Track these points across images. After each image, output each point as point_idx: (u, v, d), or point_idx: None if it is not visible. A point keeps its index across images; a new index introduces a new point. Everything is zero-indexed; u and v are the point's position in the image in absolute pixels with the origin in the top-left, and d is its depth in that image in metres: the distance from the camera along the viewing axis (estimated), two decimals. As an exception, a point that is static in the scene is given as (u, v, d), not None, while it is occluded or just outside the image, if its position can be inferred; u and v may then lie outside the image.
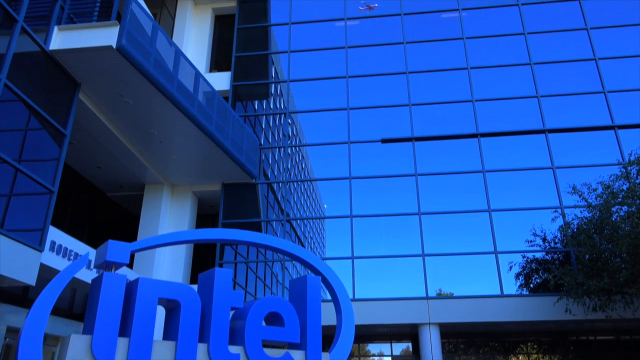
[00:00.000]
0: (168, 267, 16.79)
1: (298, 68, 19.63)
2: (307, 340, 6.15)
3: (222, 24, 21.81)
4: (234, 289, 6.67)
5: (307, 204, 18.67)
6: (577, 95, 17.67)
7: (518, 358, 17.82)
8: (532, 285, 15.78)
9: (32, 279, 9.81)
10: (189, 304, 5.72)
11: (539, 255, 15.92)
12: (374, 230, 16.97)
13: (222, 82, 19.49)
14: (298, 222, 18.02)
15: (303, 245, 17.84)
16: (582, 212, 14.58)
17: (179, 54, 13.77)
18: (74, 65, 11.55)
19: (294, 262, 17.15)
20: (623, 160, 15.66)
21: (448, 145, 17.71)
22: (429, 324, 15.38)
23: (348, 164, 17.71)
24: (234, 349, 5.77)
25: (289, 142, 18.79)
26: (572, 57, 18.22)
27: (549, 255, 15.91)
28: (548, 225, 15.83)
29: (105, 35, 11.11)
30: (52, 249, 10.88)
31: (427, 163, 17.43)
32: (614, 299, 13.44)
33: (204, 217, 19.37)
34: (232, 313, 6.07)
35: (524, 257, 15.85)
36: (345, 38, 19.84)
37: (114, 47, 11.02)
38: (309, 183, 18.91)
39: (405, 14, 19.90)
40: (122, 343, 5.18)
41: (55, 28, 11.19)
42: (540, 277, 15.63)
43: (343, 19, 20.26)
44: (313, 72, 19.56)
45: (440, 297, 15.73)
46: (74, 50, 11.11)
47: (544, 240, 15.86)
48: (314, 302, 6.42)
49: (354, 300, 15.56)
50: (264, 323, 6.15)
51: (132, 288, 5.59)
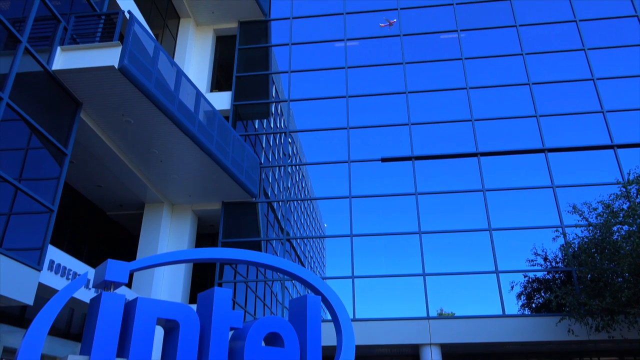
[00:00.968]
0: (167, 286, 16.68)
1: (298, 88, 19.79)
2: (307, 361, 6.07)
3: (223, 45, 22.06)
4: (234, 309, 6.61)
5: (307, 223, 18.63)
6: (576, 115, 17.77)
7: (521, 380, 17.57)
8: (534, 305, 15.64)
9: (30, 299, 9.73)
10: (188, 324, 5.66)
11: (541, 275, 15.83)
12: (375, 250, 16.90)
13: (223, 101, 19.63)
14: (298, 241, 17.96)
15: (303, 265, 17.74)
16: (582, 231, 14.53)
17: (180, 74, 13.89)
18: (76, 85, 11.64)
19: (294, 281, 17.03)
20: (623, 179, 15.68)
21: (448, 164, 17.75)
22: (430, 345, 15.21)
23: (348, 183, 17.72)
24: (233, 370, 5.68)
25: (289, 161, 18.83)
26: (570, 77, 18.38)
27: (551, 275, 15.82)
28: (549, 245, 15.77)
29: (108, 56, 11.23)
30: (50, 268, 10.82)
31: (427, 182, 17.44)
32: (617, 319, 13.31)
33: (204, 236, 19.31)
34: (231, 333, 6.01)
35: (526, 276, 15.75)
36: (345, 58, 20.04)
37: (116, 67, 11.12)
38: (309, 202, 18.89)
39: (405, 35, 20.13)
40: (119, 364, 5.11)
41: (58, 48, 11.31)
42: (542, 297, 15.50)
43: (343, 40, 20.49)
44: (313, 91, 19.71)
45: (442, 317, 15.58)
46: (76, 70, 11.22)
47: (545, 260, 15.79)
48: (314, 322, 6.35)
49: (355, 320, 15.41)
50: (264, 343, 6.07)
51: (130, 308, 5.54)
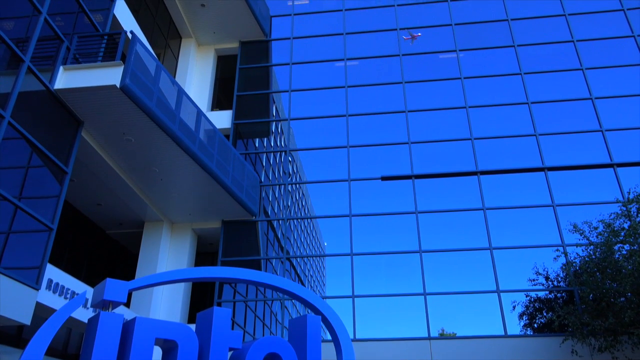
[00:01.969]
0: (166, 305, 16.54)
1: (299, 106, 19.91)
2: (306, 383, 5.99)
3: (224, 64, 22.27)
4: (233, 329, 6.54)
5: (307, 242, 18.56)
6: (575, 134, 17.84)
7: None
8: (536, 325, 15.49)
9: (27, 318, 9.64)
10: (186, 345, 5.60)
11: (542, 295, 15.70)
12: (375, 269, 16.80)
13: (223, 120, 19.74)
14: (298, 260, 17.87)
15: (303, 284, 17.62)
16: (584, 250, 14.47)
17: (181, 93, 13.99)
18: (78, 104, 11.72)
19: (294, 301, 16.90)
20: (623, 198, 15.66)
21: (448, 183, 17.76)
22: (432, 366, 15.01)
23: (348, 202, 17.70)
24: (232, 392, 5.61)
25: (289, 179, 18.85)
26: (569, 96, 18.50)
27: (553, 295, 15.70)
28: (550, 264, 15.68)
29: (110, 75, 11.33)
30: (48, 287, 10.75)
31: (427, 201, 17.42)
32: (621, 340, 13.16)
33: (203, 254, 19.22)
34: (230, 354, 5.94)
35: (527, 296, 15.62)
36: (345, 78, 20.20)
37: (118, 86, 11.21)
38: (309, 220, 18.85)
39: (404, 55, 20.33)
40: (116, 385, 5.04)
41: (61, 68, 11.41)
42: (544, 316, 15.36)
43: (343, 60, 20.69)
44: (313, 110, 19.82)
45: (443, 337, 15.42)
46: (78, 90, 11.30)
47: (547, 279, 15.68)
48: (314, 342, 6.28)
49: (355, 341, 15.24)
50: (263, 364, 5.99)
51: (128, 328, 5.49)
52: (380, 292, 16.31)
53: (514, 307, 15.33)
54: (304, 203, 19.02)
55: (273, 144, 19.91)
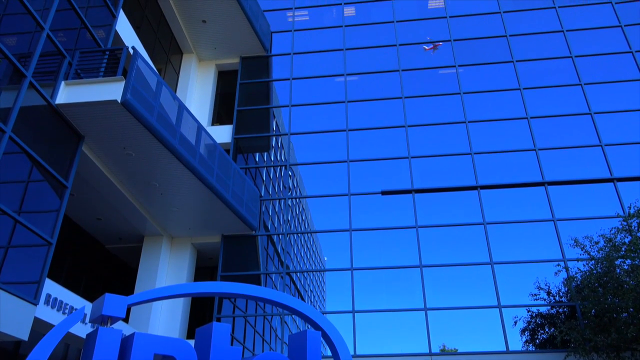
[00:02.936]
0: (165, 321, 16.42)
1: (299, 121, 19.99)
2: (306, 400, 5.91)
3: (224, 79, 22.42)
4: (232, 344, 6.49)
5: (307, 257, 18.49)
6: (575, 149, 17.88)
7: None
8: (538, 341, 15.36)
9: (24, 334, 9.56)
10: (185, 361, 5.54)
11: (544, 310, 15.60)
12: (376, 283, 16.71)
13: (224, 134, 19.80)
14: (298, 274, 17.78)
15: (303, 299, 17.51)
16: (585, 265, 14.40)
17: (182, 108, 14.06)
18: (79, 119, 11.77)
19: (294, 316, 16.78)
20: (623, 213, 15.64)
21: (448, 197, 17.75)
22: (433, 382, 14.85)
23: (348, 216, 17.67)
24: (231, 409, 5.53)
25: (290, 194, 18.84)
26: (568, 111, 18.58)
27: (554, 310, 15.59)
28: (552, 278, 15.60)
29: (111, 90, 11.39)
30: (47, 302, 10.68)
31: (427, 215, 17.40)
32: (624, 356, 13.04)
33: (203, 269, 19.14)
34: (229, 370, 5.87)
35: (529, 311, 15.52)
36: (345, 93, 20.32)
37: (119, 101, 11.26)
38: (309, 235, 18.80)
39: (404, 70, 20.46)
40: (114, 402, 4.99)
41: (62, 83, 11.48)
42: (546, 332, 15.23)
43: (343, 75, 20.83)
44: (313, 125, 19.90)
45: (444, 353, 15.27)
46: (80, 105, 11.36)
47: (549, 294, 15.59)
48: (314, 358, 6.22)
49: (355, 357, 15.10)
50: (262, 381, 5.93)
51: (127, 343, 5.44)
52: (381, 307, 16.20)
53: (516, 322, 15.22)
54: (304, 217, 18.99)
55: (273, 159, 19.95)
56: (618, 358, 13.00)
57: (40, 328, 10.69)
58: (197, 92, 21.28)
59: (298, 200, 18.94)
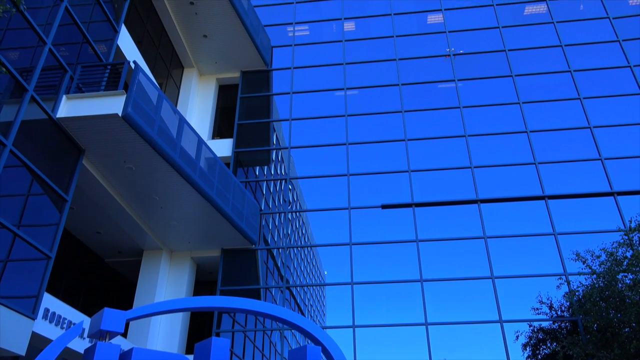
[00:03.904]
0: (163, 335, 16.29)
1: (299, 135, 20.04)
2: (306, 416, 5.85)
3: (225, 93, 22.54)
4: (231, 360, 6.43)
5: (307, 271, 18.41)
6: (574, 162, 17.90)
7: None
8: (540, 356, 15.20)
9: (22, 349, 9.48)
10: (184, 376, 5.49)
11: (546, 324, 15.48)
12: (376, 298, 16.61)
13: (224, 148, 19.84)
14: (298, 289, 17.68)
15: (303, 314, 17.39)
16: (587, 279, 14.33)
17: (183, 122, 14.10)
18: (80, 132, 11.81)
19: (294, 331, 16.65)
20: (624, 226, 15.60)
21: (449, 211, 17.72)
22: (434, 398, 14.68)
23: (349, 230, 17.63)
24: None
25: (290, 207, 18.82)
26: (567, 125, 18.63)
27: (556, 324, 15.47)
28: (554, 293, 15.51)
29: (112, 104, 11.44)
30: (45, 317, 10.61)
31: (428, 229, 17.35)
32: (626, 372, 12.90)
33: (202, 283, 19.04)
34: (228, 386, 5.81)
35: (531, 325, 15.40)
36: (345, 107, 20.40)
37: (120, 115, 11.31)
38: (309, 249, 18.74)
39: (403, 84, 20.58)
40: (112, 419, 4.93)
41: (64, 97, 11.54)
42: (548, 347, 15.10)
43: (343, 89, 20.94)
44: (314, 139, 19.94)
45: (445, 368, 15.12)
46: (81, 118, 11.40)
47: (551, 308, 15.48)
48: (314, 374, 6.16)
49: (356, 372, 14.95)
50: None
51: (125, 358, 5.39)
52: (381, 322, 16.08)
53: (517, 337, 15.09)
54: (304, 231, 18.94)
55: (273, 172, 19.97)
56: (621, 374, 12.86)
57: (38, 343, 10.60)
58: (197, 105, 21.37)
59: (298, 214, 18.91)
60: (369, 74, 21.23)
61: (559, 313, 15.42)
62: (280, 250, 17.92)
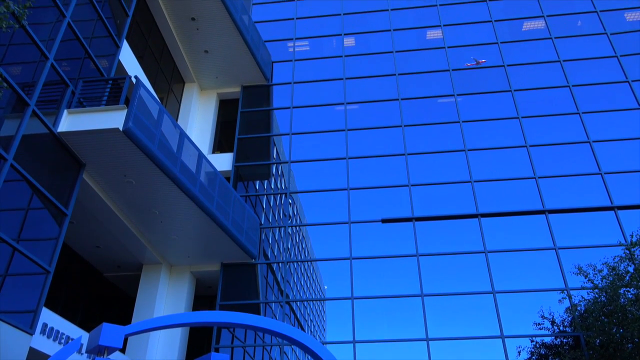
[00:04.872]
0: (162, 350, 16.14)
1: (299, 149, 20.08)
2: None
3: (226, 107, 22.65)
4: (230, 376, 6.38)
5: (307, 285, 18.31)
6: (575, 177, 17.90)
7: None
8: (542, 373, 15.06)
9: (19, 365, 9.39)
10: (183, 393, 5.44)
11: (548, 340, 15.35)
12: (376, 313, 16.49)
13: (224, 162, 19.88)
14: (298, 304, 17.57)
15: (303, 329, 17.25)
16: (589, 293, 14.24)
17: (183, 136, 14.15)
18: (80, 147, 11.83)
19: (294, 346, 16.50)
20: (625, 241, 15.55)
21: (449, 226, 17.68)
22: (436, 415, 14.50)
23: (349, 244, 17.57)
24: None
25: (290, 222, 18.78)
26: (567, 139, 18.67)
27: (558, 340, 15.34)
28: (555, 307, 15.40)
29: (113, 118, 11.49)
30: (43, 332, 10.53)
31: (428, 243, 17.30)
32: (630, 388, 12.75)
33: (202, 298, 18.92)
34: (227, 403, 5.75)
35: (532, 341, 15.27)
36: (345, 121, 20.47)
37: (121, 129, 11.34)
38: (309, 263, 18.66)
39: (403, 99, 20.68)
40: None
41: (65, 111, 11.59)
42: (551, 363, 14.94)
43: (343, 103, 21.04)
44: (314, 153, 19.98)
45: (447, 385, 14.95)
46: (82, 133, 11.44)
47: (553, 324, 15.36)
48: (314, 390, 6.10)
49: (356, 389, 14.79)
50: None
51: (123, 375, 5.35)
52: (382, 337, 15.95)
53: (519, 352, 14.95)
54: (304, 245, 18.88)
55: (273, 186, 19.97)
56: (624, 390, 12.71)
57: (36, 358, 10.51)
58: (198, 120, 21.46)
59: (298, 228, 18.87)
60: (369, 89, 21.35)
61: (561, 328, 15.30)
62: (280, 265, 17.85)
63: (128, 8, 15.38)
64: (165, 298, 17.14)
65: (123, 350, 15.47)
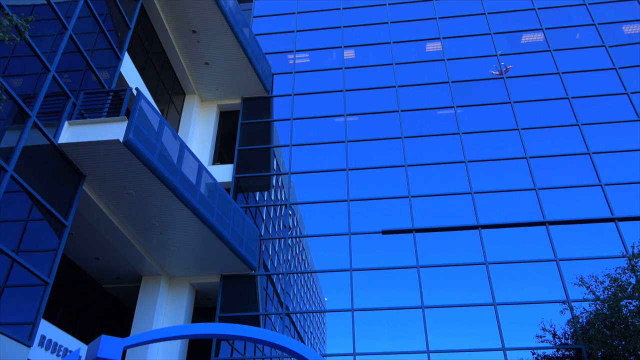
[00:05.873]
0: (161, 364, 16.02)
1: (299, 160, 20.11)
2: None
3: (226, 119, 22.72)
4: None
5: (307, 297, 18.22)
6: (575, 188, 17.90)
7: None
8: (544, 386, 14.93)
9: (17, 377, 9.31)
10: (181, 406, 5.38)
11: (550, 352, 15.24)
12: (377, 325, 16.39)
13: (224, 174, 19.89)
14: (298, 315, 17.47)
15: (303, 341, 17.13)
16: (590, 305, 14.16)
17: (183, 148, 14.17)
18: (81, 158, 11.85)
19: (293, 359, 16.36)
20: (626, 252, 15.51)
21: (449, 237, 17.64)
22: None
23: (349, 256, 17.52)
24: None
25: (290, 233, 18.75)
26: (566, 151, 18.70)
27: (560, 352, 15.23)
28: (557, 319, 15.31)
29: (113, 130, 11.52)
30: (41, 344, 10.46)
31: (428, 255, 17.24)
32: (633, 401, 12.63)
33: (201, 310, 18.82)
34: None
35: (534, 353, 15.15)
36: (345, 133, 20.53)
37: (121, 141, 11.37)
38: (309, 275, 18.59)
39: (403, 111, 20.75)
40: None
41: (66, 123, 11.63)
42: (553, 376, 14.82)
43: (343, 115, 21.11)
44: (314, 164, 20.00)
45: (448, 398, 14.81)
46: (82, 144, 11.47)
47: (554, 336, 15.26)
48: (314, 404, 6.04)
49: (357, 402, 14.65)
50: None
51: (121, 388, 5.29)
52: (383, 349, 15.83)
53: (521, 366, 14.83)
54: (304, 257, 18.83)
55: (273, 198, 19.96)
56: (627, 404, 12.59)
57: (33, 371, 10.42)
58: (198, 131, 21.52)
59: (298, 240, 18.83)
60: (369, 101, 21.43)
61: (563, 340, 15.19)
62: (280, 276, 17.77)
63: (130, 20, 15.50)
64: (165, 310, 17.05)
65: (121, 363, 15.33)
